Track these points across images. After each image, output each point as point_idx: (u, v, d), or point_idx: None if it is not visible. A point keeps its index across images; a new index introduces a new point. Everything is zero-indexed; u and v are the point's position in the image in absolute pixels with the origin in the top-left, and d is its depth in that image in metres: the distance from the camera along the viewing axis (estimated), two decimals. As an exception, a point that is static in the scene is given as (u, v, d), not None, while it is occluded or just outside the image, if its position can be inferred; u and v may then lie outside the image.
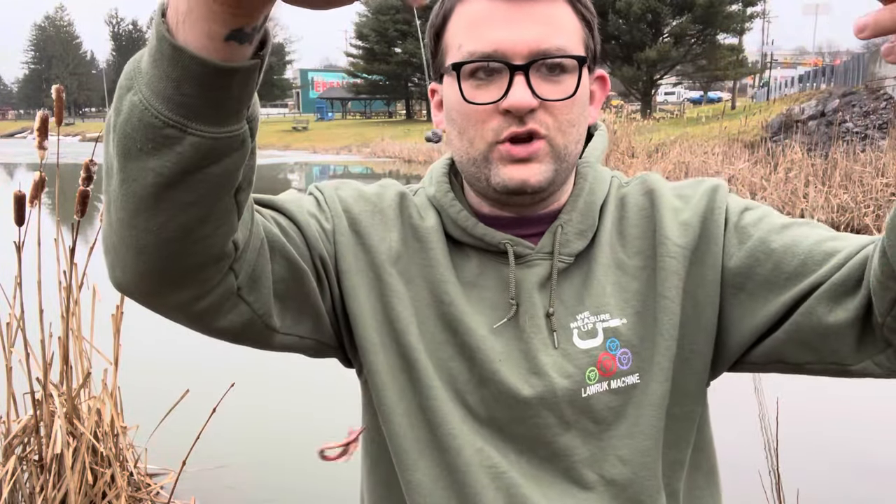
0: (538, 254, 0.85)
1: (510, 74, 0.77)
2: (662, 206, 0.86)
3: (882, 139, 11.49)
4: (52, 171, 2.64)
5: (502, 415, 0.83)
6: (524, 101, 0.76)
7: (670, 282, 0.83)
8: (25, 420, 2.63)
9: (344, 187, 0.91)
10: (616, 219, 0.89)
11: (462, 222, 0.86)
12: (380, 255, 0.85)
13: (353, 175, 23.37)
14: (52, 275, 2.57)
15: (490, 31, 0.77)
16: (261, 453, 3.56)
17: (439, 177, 0.91)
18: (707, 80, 36.43)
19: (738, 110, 24.21)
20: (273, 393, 4.24)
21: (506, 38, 0.77)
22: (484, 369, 0.83)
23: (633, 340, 0.84)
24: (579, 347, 0.83)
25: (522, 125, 0.78)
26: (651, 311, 0.84)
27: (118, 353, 2.73)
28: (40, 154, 2.38)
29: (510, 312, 0.84)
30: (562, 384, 0.82)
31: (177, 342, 5.50)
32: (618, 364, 0.84)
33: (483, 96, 0.79)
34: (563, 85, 0.79)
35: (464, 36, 0.79)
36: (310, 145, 36.88)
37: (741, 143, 13.78)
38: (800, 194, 10.00)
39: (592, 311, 0.84)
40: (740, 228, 0.83)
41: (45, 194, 2.44)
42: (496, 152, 0.80)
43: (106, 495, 2.69)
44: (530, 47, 0.77)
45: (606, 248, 0.86)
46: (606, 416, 0.83)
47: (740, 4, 31.90)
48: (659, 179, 0.91)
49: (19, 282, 2.47)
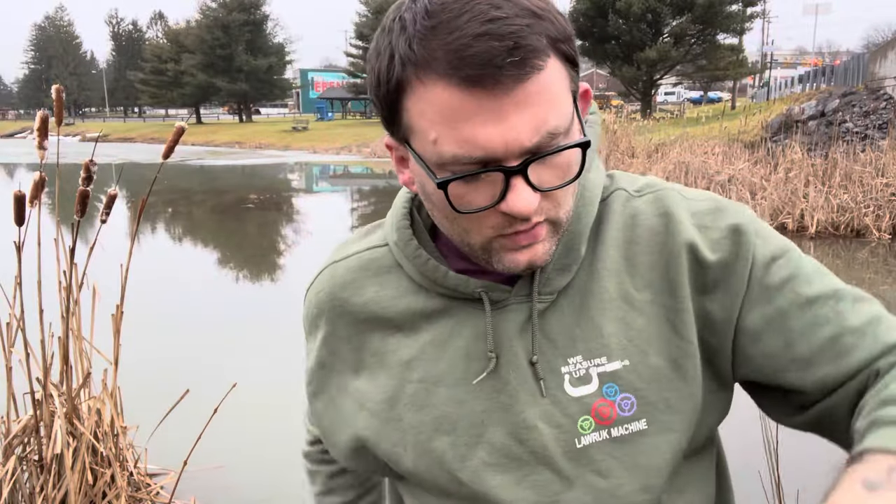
0: (515, 297, 0.77)
1: (505, 177, 0.66)
2: (680, 236, 0.76)
3: (882, 139, 11.48)
4: (52, 171, 2.64)
5: (497, 482, 0.77)
6: (528, 205, 0.66)
7: (690, 324, 0.76)
8: (25, 420, 2.63)
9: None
10: (624, 241, 0.79)
11: (431, 274, 0.78)
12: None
13: (353, 175, 23.36)
14: (52, 275, 2.57)
15: (472, 131, 0.63)
16: (261, 453, 3.56)
17: (399, 220, 0.82)
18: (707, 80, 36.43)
19: (738, 110, 24.21)
20: (273, 393, 4.24)
21: (494, 140, 0.63)
22: (469, 436, 0.77)
23: (636, 384, 0.75)
24: (570, 395, 0.76)
25: (527, 223, 0.69)
26: (665, 353, 0.76)
27: (118, 353, 2.73)
28: (40, 154, 2.38)
29: (490, 366, 0.76)
30: (551, 434, 0.75)
31: (177, 342, 5.52)
32: (618, 410, 0.75)
33: (475, 199, 0.68)
34: (564, 162, 0.69)
35: (437, 130, 0.65)
36: (310, 145, 36.84)
37: (741, 143, 13.77)
38: (800, 194, 9.99)
39: (585, 356, 0.76)
40: (764, 286, 0.75)
41: (45, 194, 2.44)
42: (497, 243, 0.72)
43: (106, 495, 2.69)
44: (523, 145, 0.64)
45: (612, 278, 0.77)
46: (614, 469, 0.75)
47: (740, 4, 31.87)
48: (675, 199, 0.79)
49: (19, 282, 2.47)
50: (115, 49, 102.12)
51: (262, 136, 42.35)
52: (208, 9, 57.47)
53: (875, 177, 9.82)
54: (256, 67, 56.10)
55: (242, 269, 8.71)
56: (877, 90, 14.30)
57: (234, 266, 9.02)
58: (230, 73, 56.08)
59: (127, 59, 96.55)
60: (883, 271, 7.85)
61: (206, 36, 56.47)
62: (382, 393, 0.82)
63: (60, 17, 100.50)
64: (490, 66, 0.61)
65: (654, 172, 11.86)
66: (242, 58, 55.65)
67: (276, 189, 18.89)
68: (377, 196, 17.07)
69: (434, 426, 0.79)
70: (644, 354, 0.76)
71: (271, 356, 5.04)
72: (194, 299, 7.01)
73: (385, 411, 0.82)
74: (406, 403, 0.80)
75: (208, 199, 16.94)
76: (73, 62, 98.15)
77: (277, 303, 6.79)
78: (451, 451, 0.78)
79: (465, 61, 0.61)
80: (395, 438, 0.81)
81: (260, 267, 8.80)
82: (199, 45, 56.58)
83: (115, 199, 2.46)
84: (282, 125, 48.91)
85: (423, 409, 0.79)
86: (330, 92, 65.84)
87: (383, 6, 46.81)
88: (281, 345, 5.26)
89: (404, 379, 0.80)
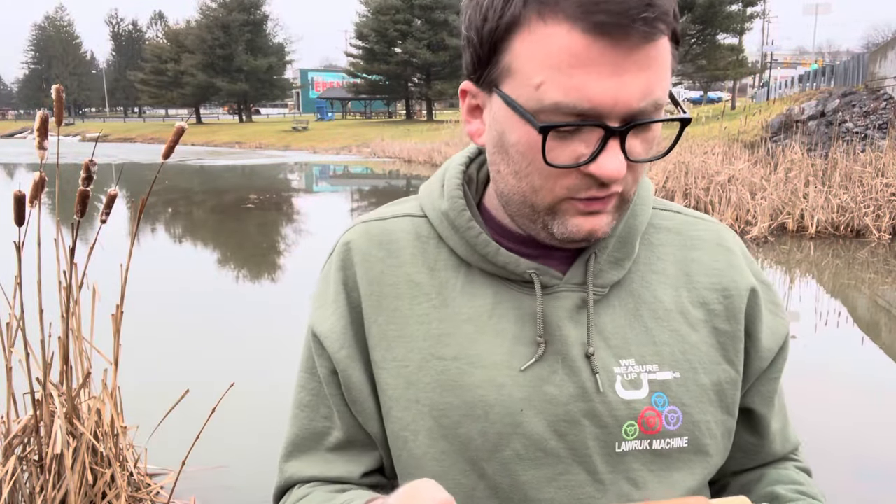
0: (567, 284, 0.74)
1: (603, 136, 0.63)
2: (743, 274, 0.80)
3: (882, 139, 11.48)
4: (52, 171, 2.64)
5: (528, 477, 0.72)
6: (617, 171, 0.64)
7: (741, 353, 0.78)
8: (25, 420, 2.62)
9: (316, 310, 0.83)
10: (683, 258, 0.79)
11: (481, 249, 0.75)
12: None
13: (353, 175, 23.36)
14: (52, 275, 2.57)
15: (587, 81, 0.61)
16: (260, 453, 3.56)
17: (453, 190, 0.78)
18: (707, 80, 36.34)
19: (738, 110, 24.19)
20: (273, 393, 4.25)
21: (605, 94, 0.61)
22: (503, 424, 0.72)
23: (684, 399, 0.74)
24: (621, 397, 0.72)
25: (605, 189, 0.67)
26: (712, 375, 0.76)
27: (118, 353, 2.73)
28: (40, 154, 2.38)
29: (539, 351, 0.72)
30: (593, 433, 0.72)
31: (177, 342, 5.52)
32: (664, 422, 0.73)
33: (564, 154, 0.65)
34: (653, 137, 0.67)
35: (546, 74, 0.62)
36: (310, 145, 36.84)
37: (741, 143, 13.77)
38: (800, 194, 9.99)
39: (638, 360, 0.73)
40: (768, 364, 0.82)
41: (45, 194, 2.44)
42: (566, 204, 0.69)
43: (106, 495, 2.69)
44: (631, 106, 0.62)
45: (668, 290, 0.77)
46: (649, 482, 0.73)
47: (740, 4, 31.88)
48: (736, 239, 0.84)
49: (19, 282, 2.47)
50: (115, 49, 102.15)
51: (262, 136, 42.33)
52: (208, 9, 57.48)
53: (875, 177, 9.82)
54: (256, 67, 56.08)
55: (242, 269, 8.70)
56: (877, 90, 14.30)
57: (234, 266, 9.02)
58: (230, 73, 56.06)
59: (127, 59, 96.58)
60: (883, 271, 7.85)
61: (206, 36, 56.47)
62: (400, 367, 0.75)
63: (60, 17, 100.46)
64: (624, 17, 0.59)
65: (654, 172, 11.85)
66: (242, 58, 55.63)
67: (276, 189, 18.88)
68: (377, 196, 17.07)
69: (464, 411, 0.73)
70: (694, 371, 0.75)
71: (271, 356, 5.04)
72: (194, 299, 7.01)
73: (399, 389, 0.75)
74: (430, 383, 0.74)
75: (208, 199, 16.94)
76: (73, 62, 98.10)
77: (277, 302, 6.79)
78: (481, 438, 0.72)
79: (599, 6, 0.59)
80: (405, 420, 0.75)
81: (260, 267, 8.80)
82: (199, 45, 56.58)
83: (115, 199, 2.46)
84: (282, 125, 48.89)
85: (453, 390, 0.73)
86: (330, 92, 65.82)
87: (383, 6, 46.82)
88: (281, 344, 5.26)
89: (432, 355, 0.74)
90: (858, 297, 7.06)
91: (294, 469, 0.81)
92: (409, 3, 46.57)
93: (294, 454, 0.82)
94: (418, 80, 48.86)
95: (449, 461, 0.74)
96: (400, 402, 0.75)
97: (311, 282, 0.90)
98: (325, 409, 0.81)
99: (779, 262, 8.41)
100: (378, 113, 62.40)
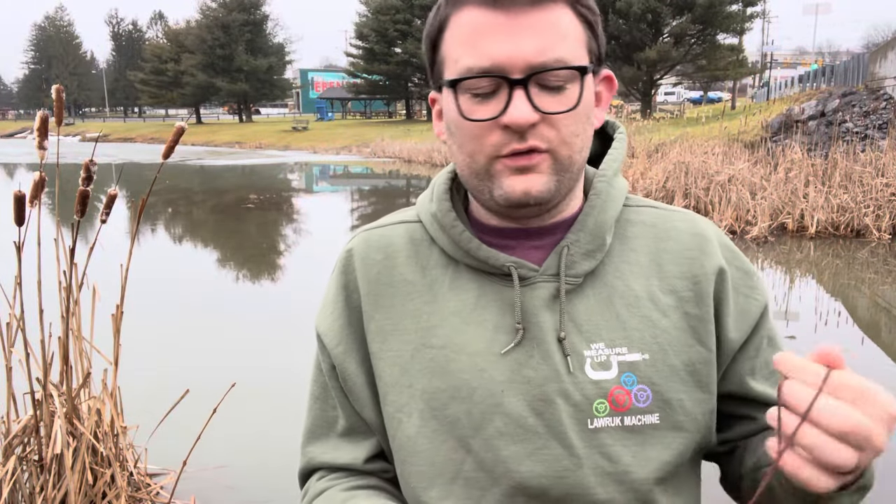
0: (543, 276, 0.82)
1: (509, 89, 0.74)
2: (713, 259, 0.85)
3: (882, 139, 11.48)
4: (52, 171, 2.64)
5: (510, 452, 0.79)
6: (524, 116, 0.73)
7: (712, 334, 0.83)
8: (25, 420, 2.62)
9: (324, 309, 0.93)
10: (655, 249, 0.86)
11: (464, 244, 0.83)
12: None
13: (353, 175, 23.37)
14: (52, 275, 2.57)
15: (487, 44, 0.74)
16: (261, 454, 3.56)
17: (441, 193, 0.88)
18: (707, 80, 36.40)
19: (738, 110, 24.19)
20: (273, 393, 4.25)
21: (503, 52, 0.73)
22: (486, 405, 0.80)
23: (654, 378, 0.80)
24: (590, 378, 0.79)
25: (523, 141, 0.75)
26: (684, 357, 0.81)
27: (118, 353, 2.73)
28: (40, 154, 2.38)
29: (517, 337, 0.80)
30: (567, 411, 0.78)
31: (177, 342, 5.52)
32: (633, 400, 0.79)
33: (482, 112, 0.76)
34: (565, 96, 0.75)
35: (461, 49, 0.76)
36: (310, 145, 36.85)
37: (741, 143, 13.76)
38: (800, 194, 9.99)
39: (608, 343, 0.80)
40: (740, 345, 0.86)
41: (45, 194, 2.44)
42: (498, 164, 0.77)
43: (106, 495, 2.69)
44: (529, 60, 0.73)
45: (640, 280, 0.83)
46: (622, 455, 0.79)
47: (740, 4, 31.86)
48: (713, 228, 0.90)
49: (19, 282, 2.47)
50: (115, 49, 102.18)
51: (262, 136, 42.34)
52: (208, 9, 57.50)
53: (875, 177, 9.81)
54: (256, 67, 56.11)
55: (242, 269, 8.70)
56: (877, 90, 14.31)
57: (234, 266, 9.02)
58: (230, 73, 56.08)
59: (127, 59, 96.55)
60: (883, 271, 7.85)
61: (206, 36, 56.49)
62: (395, 356, 0.85)
63: (60, 17, 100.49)
64: None
65: (654, 172, 11.85)
66: (242, 58, 55.65)
67: (276, 189, 18.88)
68: (377, 196, 17.07)
69: (451, 393, 0.81)
70: (664, 353, 0.81)
71: (271, 356, 5.04)
72: (194, 299, 7.01)
73: (394, 375, 0.84)
74: (421, 369, 0.83)
75: (208, 198, 16.94)
76: (73, 62, 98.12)
77: (278, 302, 6.78)
78: (466, 418, 0.80)
79: None
80: (400, 402, 0.84)
81: (260, 267, 8.80)
82: (199, 45, 56.60)
83: (115, 199, 2.46)
84: (282, 125, 48.91)
85: (441, 375, 0.82)
86: (330, 92, 65.85)
87: (383, 6, 46.85)
88: (281, 344, 5.26)
89: (423, 345, 0.83)
90: (858, 297, 7.06)
91: (313, 453, 0.93)
92: (409, 3, 46.57)
93: (311, 440, 0.93)
94: (418, 80, 48.85)
95: (439, 439, 0.82)
96: (395, 388, 0.84)
97: (311, 282, 0.92)
98: (332, 400, 0.91)
99: (779, 263, 8.42)
100: (378, 113, 62.41)
